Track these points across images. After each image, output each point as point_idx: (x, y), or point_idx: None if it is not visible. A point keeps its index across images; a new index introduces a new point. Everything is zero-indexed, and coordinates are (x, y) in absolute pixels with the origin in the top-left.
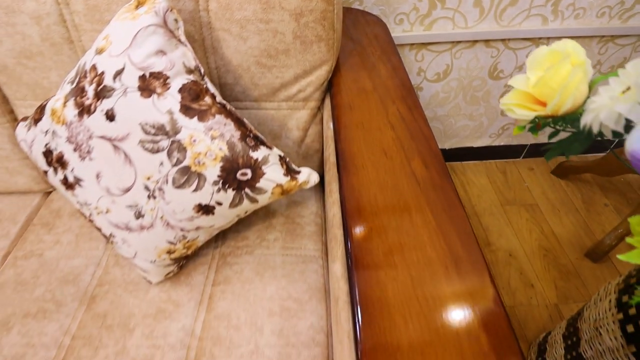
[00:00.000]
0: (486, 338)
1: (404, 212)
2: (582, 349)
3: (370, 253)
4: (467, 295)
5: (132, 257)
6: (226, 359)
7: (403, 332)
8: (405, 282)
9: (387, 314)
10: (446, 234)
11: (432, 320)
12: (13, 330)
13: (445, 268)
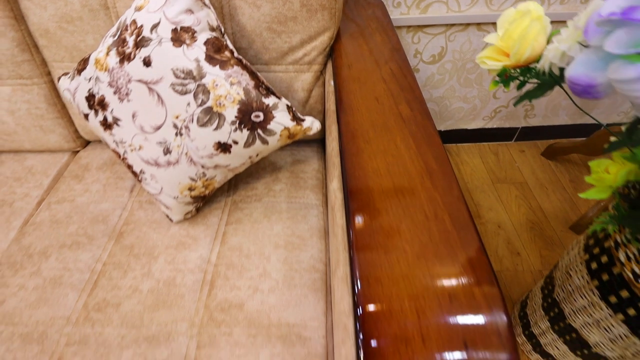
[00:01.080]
0: (450, 219)
1: (390, 140)
2: (556, 293)
3: (361, 168)
4: (436, 194)
5: (157, 193)
6: (238, 279)
7: (384, 217)
8: (388, 186)
9: (372, 205)
10: (424, 155)
11: (407, 207)
12: (51, 258)
13: (421, 178)
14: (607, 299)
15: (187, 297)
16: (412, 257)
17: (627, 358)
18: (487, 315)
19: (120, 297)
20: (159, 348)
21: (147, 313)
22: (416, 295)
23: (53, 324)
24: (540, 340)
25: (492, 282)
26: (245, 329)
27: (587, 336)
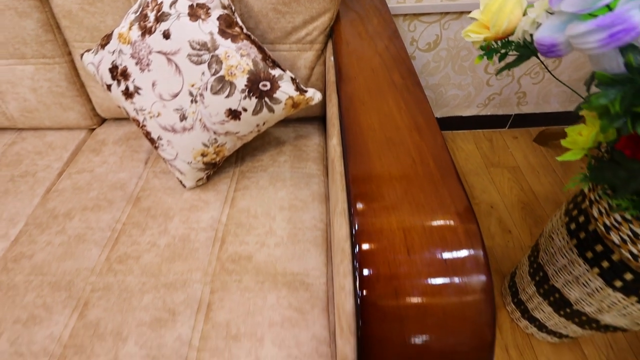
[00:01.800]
0: (434, 163)
1: (383, 102)
2: (540, 257)
3: (357, 124)
4: (423, 144)
5: (173, 159)
6: (247, 236)
7: (377, 161)
8: (381, 137)
9: (366, 153)
10: (412, 114)
11: (397, 153)
12: (75, 219)
13: (410, 131)
14: (585, 255)
15: (200, 251)
16: (400, 191)
17: (604, 310)
18: (462, 232)
19: (140, 251)
20: (176, 292)
21: (165, 264)
22: (403, 219)
23: (79, 274)
24: (528, 306)
25: (467, 208)
26: (254, 277)
27: (568, 294)
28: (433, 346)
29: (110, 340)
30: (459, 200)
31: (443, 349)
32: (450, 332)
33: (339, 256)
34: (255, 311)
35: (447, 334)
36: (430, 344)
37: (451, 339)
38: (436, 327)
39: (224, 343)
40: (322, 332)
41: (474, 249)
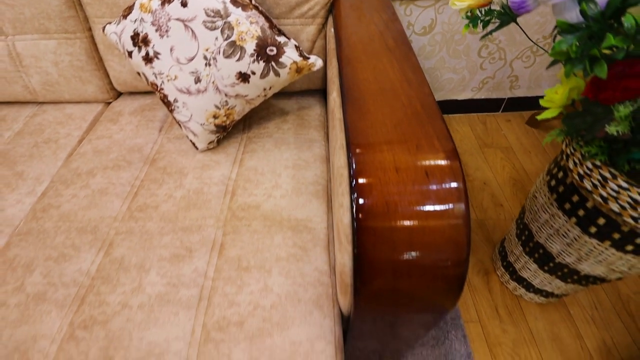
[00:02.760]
0: (421, 107)
1: (378, 61)
2: (526, 217)
3: (355, 78)
4: (412, 92)
5: (187, 121)
6: (255, 189)
7: (371, 105)
8: (375, 88)
9: (362, 99)
10: (404, 70)
11: (388, 100)
12: (97, 176)
13: (400, 83)
14: (563, 207)
15: (213, 202)
16: (390, 126)
17: (582, 259)
18: (444, 157)
19: (158, 201)
20: (192, 235)
21: (181, 212)
22: (393, 147)
23: (103, 221)
24: (516, 266)
25: (448, 139)
26: (262, 222)
27: (550, 248)
28: (419, 261)
29: (135, 272)
30: (443, 136)
31: (427, 264)
32: (433, 250)
33: (338, 180)
34: (264, 249)
35: (431, 251)
36: (416, 260)
37: (434, 256)
38: (421, 245)
39: (236, 273)
40: (323, 266)
41: (456, 180)
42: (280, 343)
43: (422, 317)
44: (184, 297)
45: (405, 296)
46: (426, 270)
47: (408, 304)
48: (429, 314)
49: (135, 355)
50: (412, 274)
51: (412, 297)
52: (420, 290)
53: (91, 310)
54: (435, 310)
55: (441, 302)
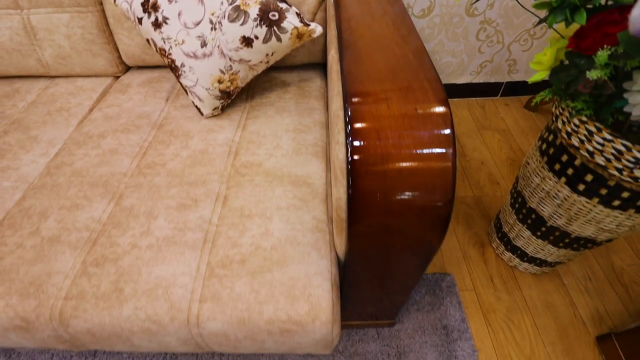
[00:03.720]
0: (414, 57)
1: (374, 22)
2: (519, 185)
3: (352, 35)
4: (406, 47)
5: (193, 85)
6: (257, 149)
7: (367, 57)
8: (371, 43)
9: (358, 52)
10: (398, 28)
11: (384, 53)
12: (107, 138)
13: (394, 38)
14: (554, 168)
15: (217, 160)
16: (385, 71)
17: (572, 219)
18: (435, 103)
19: (165, 160)
20: (197, 188)
21: (187, 169)
22: (385, 87)
23: (113, 176)
24: (510, 236)
25: (439, 88)
26: (264, 177)
27: (542, 211)
28: (408, 199)
29: (143, 218)
30: (435, 84)
31: (416, 201)
32: (421, 189)
33: (334, 121)
34: (265, 199)
35: (419, 190)
36: (406, 197)
37: (422, 194)
38: (411, 184)
39: (238, 220)
40: (321, 215)
41: (445, 126)
42: (279, 278)
43: (412, 254)
44: (190, 240)
45: (396, 232)
46: (415, 207)
47: (399, 241)
48: (418, 251)
49: (144, 287)
50: (402, 210)
51: (402, 233)
52: (409, 227)
53: (102, 250)
54: (423, 246)
55: (429, 238)
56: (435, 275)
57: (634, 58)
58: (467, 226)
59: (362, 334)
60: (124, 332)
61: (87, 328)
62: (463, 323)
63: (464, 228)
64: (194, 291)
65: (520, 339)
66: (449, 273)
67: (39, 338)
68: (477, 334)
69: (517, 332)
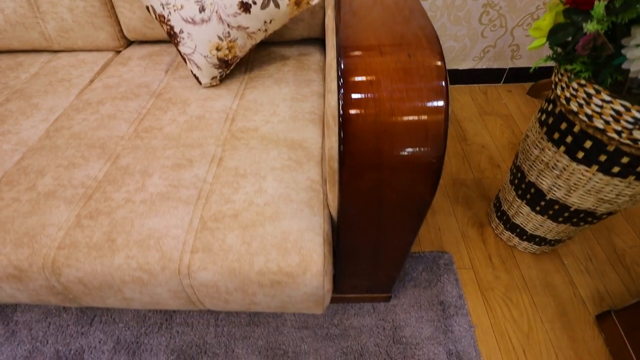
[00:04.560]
0: (410, 14)
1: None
2: (518, 160)
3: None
4: (405, 9)
5: (191, 52)
6: (254, 116)
7: (363, 16)
8: (368, 2)
9: (354, 12)
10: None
11: (381, 12)
12: (106, 105)
13: (393, 0)
14: (553, 138)
15: (214, 126)
16: (379, 24)
17: (572, 190)
18: (426, 47)
19: (163, 124)
20: (193, 150)
21: (184, 133)
22: (380, 39)
23: (110, 139)
24: (509, 213)
25: (435, 41)
26: (259, 141)
27: (541, 184)
28: (400, 150)
29: (138, 176)
30: (430, 38)
31: (408, 153)
32: (414, 140)
33: (328, 70)
34: (260, 161)
35: (412, 141)
36: (397, 148)
37: (414, 145)
38: (403, 135)
39: (233, 179)
40: (315, 177)
41: (439, 79)
42: (271, 231)
43: (404, 211)
44: (184, 196)
45: (387, 184)
46: (406, 158)
47: (390, 194)
48: (409, 207)
49: (136, 238)
50: (393, 161)
51: (393, 185)
52: (400, 177)
53: (97, 204)
54: (414, 201)
55: (420, 191)
56: (433, 254)
57: (632, 7)
58: (466, 207)
59: (357, 308)
60: (115, 281)
61: (78, 277)
62: (460, 299)
63: (463, 209)
64: (185, 242)
65: (518, 317)
66: (446, 252)
67: (31, 289)
68: (474, 310)
69: (515, 310)
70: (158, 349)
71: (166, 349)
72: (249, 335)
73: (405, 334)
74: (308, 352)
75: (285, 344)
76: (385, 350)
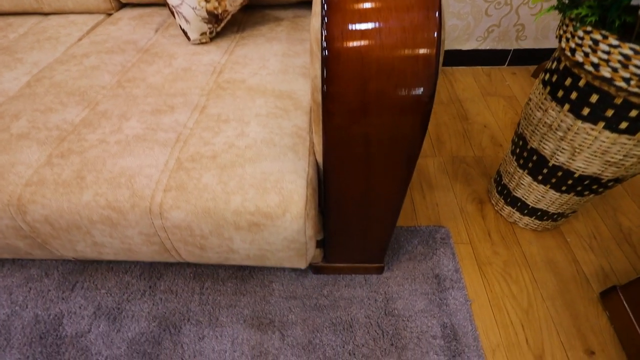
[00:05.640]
0: None
1: None
2: (520, 127)
3: None
4: None
5: (179, 4)
6: (242, 69)
7: None
8: None
9: None
10: None
11: None
12: (91, 58)
13: None
14: (557, 97)
15: (200, 77)
16: None
17: (577, 152)
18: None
19: (147, 76)
20: (175, 98)
21: (168, 83)
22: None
23: (92, 88)
24: (510, 186)
25: None
26: (246, 92)
27: (544, 149)
28: (386, 83)
29: (116, 119)
30: None
31: (395, 87)
32: (401, 74)
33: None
34: (245, 108)
35: (399, 74)
36: (384, 83)
37: (402, 80)
38: (390, 67)
39: (214, 124)
40: (302, 125)
41: (432, 8)
42: (251, 172)
43: (392, 157)
44: (161, 138)
45: (375, 128)
46: (395, 98)
47: (378, 138)
48: (398, 152)
49: (107, 176)
50: (381, 102)
51: (382, 130)
52: (388, 121)
53: (70, 144)
54: (404, 147)
55: (409, 135)
56: (429, 228)
57: None
58: (465, 184)
59: (348, 279)
60: (83, 221)
61: (44, 215)
62: (456, 273)
63: (462, 186)
64: (159, 182)
65: (517, 292)
66: (444, 226)
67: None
68: (470, 284)
69: (514, 286)
70: (139, 316)
71: (148, 316)
72: (235, 304)
73: (397, 306)
74: (295, 322)
75: (272, 313)
76: (376, 322)
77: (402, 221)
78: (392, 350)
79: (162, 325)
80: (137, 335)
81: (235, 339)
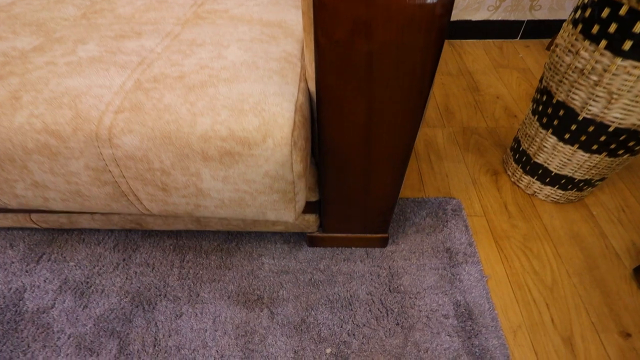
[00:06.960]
0: None
1: None
2: (544, 80)
3: None
4: None
5: None
6: (228, 1)
7: None
8: None
9: None
10: None
11: None
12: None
13: None
14: (590, 34)
15: (176, 8)
16: None
17: (613, 99)
18: None
19: (116, 7)
20: (145, 26)
21: (139, 13)
22: None
23: (52, 20)
24: (530, 152)
25: None
26: (228, 21)
27: (573, 101)
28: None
29: (71, 44)
30: None
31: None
32: None
33: None
34: (225, 34)
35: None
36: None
37: None
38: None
39: (187, 48)
40: (293, 51)
41: None
42: (225, 92)
43: (399, 88)
44: (121, 60)
45: (379, 49)
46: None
47: (382, 62)
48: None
49: (47, 96)
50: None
51: (387, 52)
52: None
53: (12, 68)
54: (414, 73)
55: (420, 59)
56: (438, 199)
57: None
58: (478, 154)
59: (348, 252)
60: (17, 151)
61: None
62: (470, 247)
63: (474, 156)
64: (110, 103)
65: (539, 268)
66: (455, 198)
67: None
68: (486, 259)
69: (535, 261)
70: (110, 290)
71: (120, 291)
72: (219, 279)
73: (403, 283)
74: (287, 298)
75: (261, 289)
76: (379, 299)
77: (409, 192)
78: (398, 331)
79: (134, 301)
80: (105, 312)
81: (217, 316)
